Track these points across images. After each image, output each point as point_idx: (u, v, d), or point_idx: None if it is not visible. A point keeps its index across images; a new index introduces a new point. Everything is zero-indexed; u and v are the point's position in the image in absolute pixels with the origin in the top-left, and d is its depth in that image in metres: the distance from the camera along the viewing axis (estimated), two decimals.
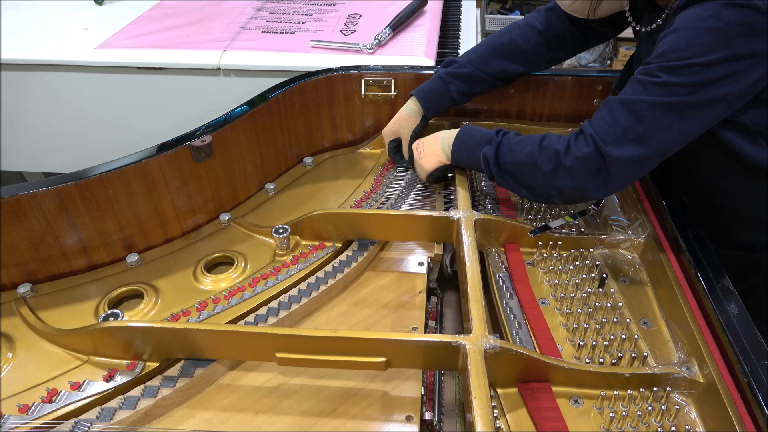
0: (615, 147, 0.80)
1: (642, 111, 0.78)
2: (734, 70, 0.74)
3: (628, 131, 0.79)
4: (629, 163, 0.80)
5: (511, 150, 0.91)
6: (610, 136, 0.80)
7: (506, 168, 0.91)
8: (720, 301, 0.74)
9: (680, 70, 0.75)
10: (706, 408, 0.71)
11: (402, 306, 0.92)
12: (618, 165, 0.81)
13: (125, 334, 0.77)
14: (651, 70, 0.78)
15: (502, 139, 0.93)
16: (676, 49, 0.75)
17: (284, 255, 0.98)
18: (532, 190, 0.91)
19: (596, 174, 0.82)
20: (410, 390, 0.79)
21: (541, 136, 0.88)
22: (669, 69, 0.76)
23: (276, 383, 0.80)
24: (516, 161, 0.90)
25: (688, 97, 0.75)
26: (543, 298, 0.89)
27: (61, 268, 0.94)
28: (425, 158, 1.06)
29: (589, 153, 0.82)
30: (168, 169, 0.97)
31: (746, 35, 0.72)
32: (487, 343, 0.71)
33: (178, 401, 0.77)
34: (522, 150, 0.89)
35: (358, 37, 1.48)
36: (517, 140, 0.91)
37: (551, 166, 0.85)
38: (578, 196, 0.87)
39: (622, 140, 0.79)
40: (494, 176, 0.94)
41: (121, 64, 1.42)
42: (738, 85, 0.75)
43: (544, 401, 0.73)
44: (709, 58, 0.73)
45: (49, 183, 0.87)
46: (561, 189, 0.86)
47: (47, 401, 0.74)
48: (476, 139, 0.97)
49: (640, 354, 0.78)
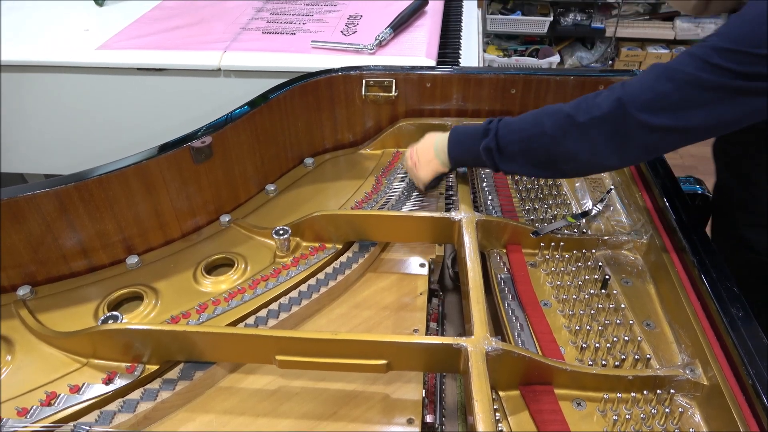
0: (643, 110, 0.74)
1: (683, 82, 0.73)
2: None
3: (662, 98, 0.74)
4: (654, 131, 0.75)
5: (511, 129, 0.87)
6: (641, 98, 0.75)
7: (510, 148, 0.88)
8: (724, 303, 0.73)
9: (733, 55, 0.71)
10: (711, 411, 0.70)
11: (403, 308, 0.92)
12: (641, 131, 0.75)
13: (124, 337, 0.76)
14: (706, 46, 0.74)
15: (498, 125, 0.90)
16: (734, 33, 0.72)
17: (285, 256, 0.97)
18: (541, 164, 0.86)
19: (614, 136, 0.77)
20: (411, 393, 0.78)
21: (541, 108, 0.86)
22: (722, 51, 0.72)
23: (276, 386, 0.80)
24: (520, 137, 0.86)
25: (732, 82, 0.71)
26: (545, 300, 0.88)
27: (61, 270, 0.94)
28: (421, 168, 1.04)
29: (609, 111, 0.76)
30: (168, 170, 0.96)
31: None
32: (488, 345, 0.70)
33: (177, 404, 0.76)
34: (523, 124, 0.86)
35: (358, 38, 1.48)
36: (515, 119, 0.88)
37: (561, 129, 0.81)
38: (592, 162, 0.82)
39: (652, 105, 0.74)
40: (499, 165, 0.90)
41: (121, 66, 1.41)
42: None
43: (546, 404, 0.72)
44: (765, 50, 0.69)
45: (48, 185, 0.86)
46: (574, 153, 0.81)
47: (46, 404, 0.73)
48: (470, 134, 0.95)
49: (643, 356, 0.77)
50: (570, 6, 3.62)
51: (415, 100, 1.26)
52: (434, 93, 1.25)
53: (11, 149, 1.55)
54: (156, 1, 1.74)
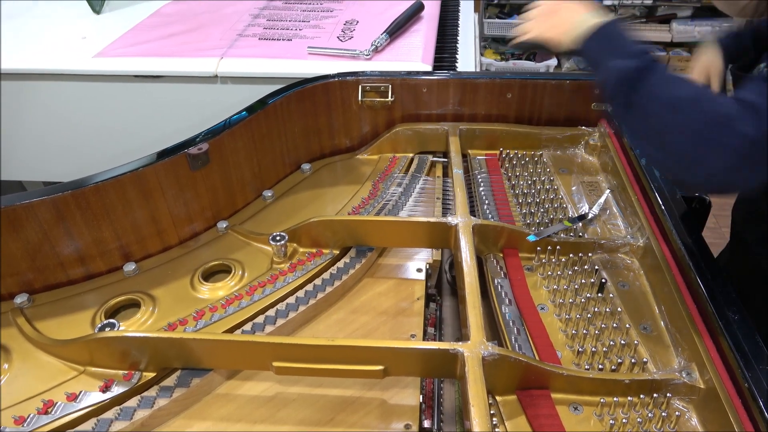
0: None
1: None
2: None
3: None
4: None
5: (667, 79, 0.69)
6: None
7: (650, 97, 0.70)
8: (720, 306, 0.73)
9: None
10: (707, 414, 0.70)
11: (400, 313, 0.92)
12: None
13: (121, 344, 0.76)
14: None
15: (653, 64, 0.71)
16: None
17: (282, 262, 0.97)
18: (658, 148, 0.71)
19: (760, 161, 0.65)
20: (409, 398, 0.78)
21: (704, 90, 0.71)
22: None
23: (273, 392, 0.80)
24: (673, 95, 0.68)
25: None
26: (542, 304, 0.88)
27: (58, 277, 0.94)
28: (548, 23, 0.86)
29: (760, 135, 0.64)
30: (164, 177, 0.96)
31: None
32: (485, 350, 0.71)
33: (174, 411, 0.76)
34: (682, 86, 0.69)
35: (355, 43, 1.48)
36: (673, 75, 0.70)
37: (714, 130, 0.65)
38: (721, 183, 0.69)
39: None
40: (616, 102, 0.74)
41: (118, 73, 1.42)
42: None
43: (543, 408, 0.72)
44: None
45: (45, 192, 0.86)
46: (707, 156, 0.66)
47: (43, 413, 0.73)
48: (623, 42, 0.76)
49: (639, 360, 0.77)
50: None
51: (411, 105, 1.27)
52: (430, 98, 1.26)
53: (10, 157, 1.56)
54: (153, 9, 1.74)
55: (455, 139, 1.22)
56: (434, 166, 1.25)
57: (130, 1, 1.83)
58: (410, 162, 1.25)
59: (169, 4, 1.79)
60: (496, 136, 1.27)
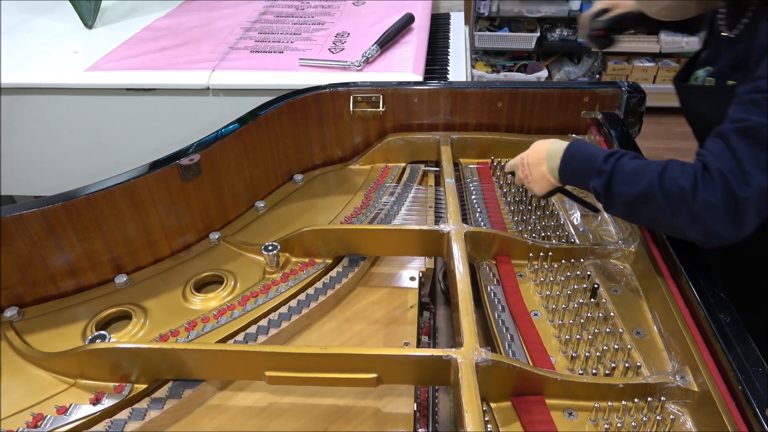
0: (745, 186, 0.72)
1: (764, 136, 0.72)
2: None
3: (753, 163, 0.72)
4: (762, 196, 0.72)
5: (625, 180, 0.81)
6: (735, 172, 0.72)
7: (619, 199, 0.82)
8: (712, 309, 0.73)
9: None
10: (702, 417, 0.70)
11: (394, 321, 0.91)
12: (752, 203, 0.72)
13: (112, 356, 0.76)
14: (761, 85, 0.73)
15: (615, 167, 0.82)
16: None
17: (274, 272, 0.97)
18: (648, 223, 0.86)
19: (730, 220, 0.73)
20: (403, 406, 0.78)
21: (662, 166, 0.79)
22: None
23: (266, 402, 0.79)
24: (631, 193, 0.80)
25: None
26: (535, 310, 0.88)
27: (49, 290, 0.93)
28: (534, 183, 0.98)
29: (720, 200, 0.73)
30: (156, 188, 0.96)
31: None
32: (478, 356, 0.70)
33: (166, 423, 0.75)
34: (639, 181, 0.79)
35: (346, 55, 1.49)
36: (633, 167, 0.81)
37: (674, 206, 0.76)
38: (706, 238, 0.77)
39: (749, 175, 0.72)
40: (605, 207, 0.87)
41: (110, 86, 1.42)
42: None
43: (538, 414, 0.72)
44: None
45: (35, 204, 0.86)
46: (683, 228, 0.77)
47: (32, 426, 0.72)
48: (584, 167, 0.88)
49: (633, 364, 0.77)
50: (556, 22, 3.66)
51: (402, 115, 1.27)
52: (422, 108, 1.26)
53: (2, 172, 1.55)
54: (144, 23, 1.75)
55: (447, 148, 1.23)
56: (426, 175, 1.25)
57: (122, 16, 1.84)
58: (402, 171, 1.26)
59: (160, 18, 1.79)
60: (488, 144, 1.28)
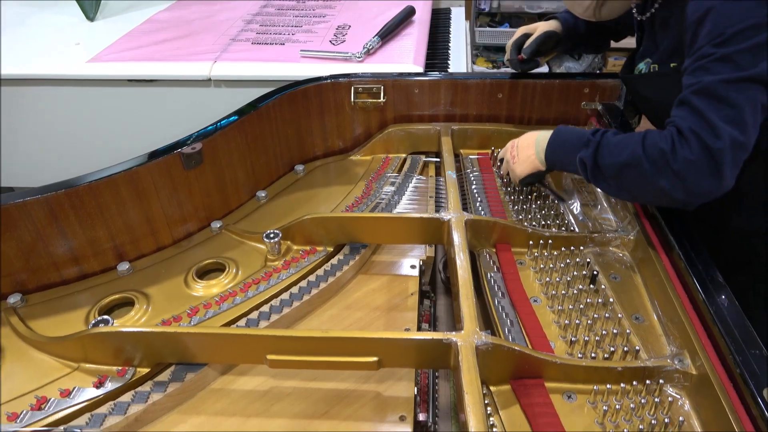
0: (716, 139, 0.76)
1: (719, 92, 0.76)
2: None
3: (717, 117, 0.76)
4: (735, 147, 0.77)
5: (611, 151, 0.86)
6: (705, 129, 0.77)
7: (606, 171, 0.87)
8: (710, 293, 0.74)
9: (733, 38, 0.75)
10: (700, 399, 0.70)
11: (394, 308, 0.92)
12: (726, 155, 0.76)
13: (115, 340, 0.76)
14: (705, 51, 0.77)
15: (601, 140, 0.88)
16: (720, 22, 0.76)
17: (275, 260, 0.97)
18: (634, 192, 0.88)
19: (710, 173, 0.78)
20: (403, 390, 0.78)
21: (642, 134, 0.84)
22: (722, 43, 0.76)
23: (268, 386, 0.80)
24: (617, 162, 0.85)
25: (753, 61, 0.75)
26: (535, 297, 0.89)
27: (52, 277, 0.93)
28: (519, 163, 1.04)
29: (698, 155, 0.77)
30: (158, 176, 0.97)
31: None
32: (478, 339, 0.71)
33: (169, 406, 0.76)
34: (623, 150, 0.84)
35: (347, 47, 1.50)
36: (617, 140, 0.87)
37: (657, 168, 0.81)
38: (689, 197, 0.81)
39: (717, 128, 0.76)
40: (592, 180, 0.90)
41: (112, 77, 1.42)
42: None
43: (537, 397, 0.73)
44: (756, 20, 0.74)
45: (38, 192, 0.87)
46: (668, 190, 0.81)
47: (36, 409, 0.73)
48: (572, 142, 0.94)
49: (632, 348, 0.78)
50: None
51: (403, 106, 1.28)
52: (422, 99, 1.27)
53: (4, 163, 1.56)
54: (146, 16, 1.76)
55: (447, 139, 1.23)
56: (427, 166, 1.26)
57: (123, 9, 1.84)
58: (403, 162, 1.26)
59: (161, 11, 1.80)
60: (488, 135, 1.28)
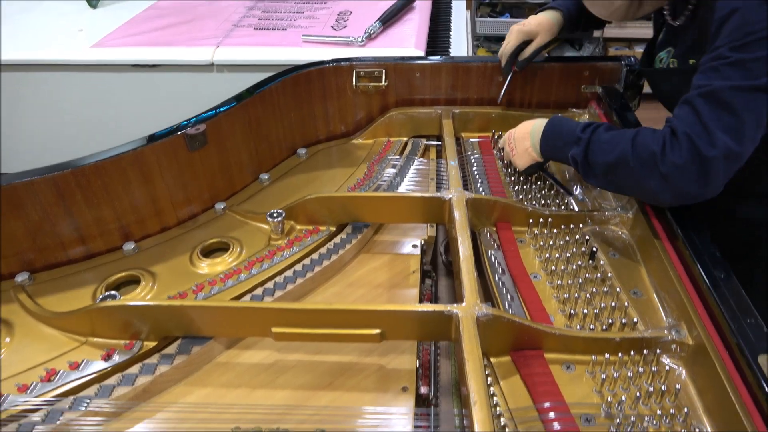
0: (710, 147, 0.76)
1: (725, 98, 0.76)
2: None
3: (717, 125, 0.76)
4: (728, 157, 0.77)
5: (601, 149, 0.87)
6: (701, 134, 0.77)
7: (596, 168, 0.89)
8: (706, 266, 0.75)
9: (751, 45, 0.74)
10: (697, 368, 0.72)
11: (396, 286, 0.93)
12: (718, 164, 0.77)
13: (122, 314, 0.78)
14: (721, 53, 0.77)
15: (591, 137, 0.89)
16: (742, 26, 0.75)
17: (279, 239, 0.99)
18: (624, 189, 0.90)
19: (697, 179, 0.79)
20: (406, 363, 0.80)
21: (634, 133, 0.85)
22: (739, 47, 0.75)
23: (273, 360, 0.81)
24: (607, 161, 0.86)
25: (765, 71, 0.74)
26: (535, 273, 0.90)
27: (59, 257, 0.95)
28: (518, 156, 1.06)
29: (687, 160, 0.78)
30: (163, 157, 0.98)
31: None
32: (479, 311, 0.72)
33: (176, 378, 0.77)
34: (613, 149, 0.85)
35: (349, 32, 1.51)
36: (608, 137, 0.87)
37: (645, 169, 0.81)
38: (676, 199, 0.83)
39: (713, 135, 0.76)
40: (583, 175, 0.92)
41: (115, 62, 1.43)
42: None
43: (536, 367, 0.74)
44: None
45: (45, 171, 0.88)
46: (656, 192, 0.82)
47: (46, 380, 0.74)
48: (563, 138, 0.95)
49: (630, 321, 0.79)
50: None
51: (405, 89, 1.29)
52: (424, 82, 1.28)
53: (7, 148, 1.57)
54: (148, 3, 1.76)
55: (448, 122, 1.24)
56: (428, 149, 1.27)
57: None
58: (404, 146, 1.27)
59: None
60: (489, 119, 1.29)
